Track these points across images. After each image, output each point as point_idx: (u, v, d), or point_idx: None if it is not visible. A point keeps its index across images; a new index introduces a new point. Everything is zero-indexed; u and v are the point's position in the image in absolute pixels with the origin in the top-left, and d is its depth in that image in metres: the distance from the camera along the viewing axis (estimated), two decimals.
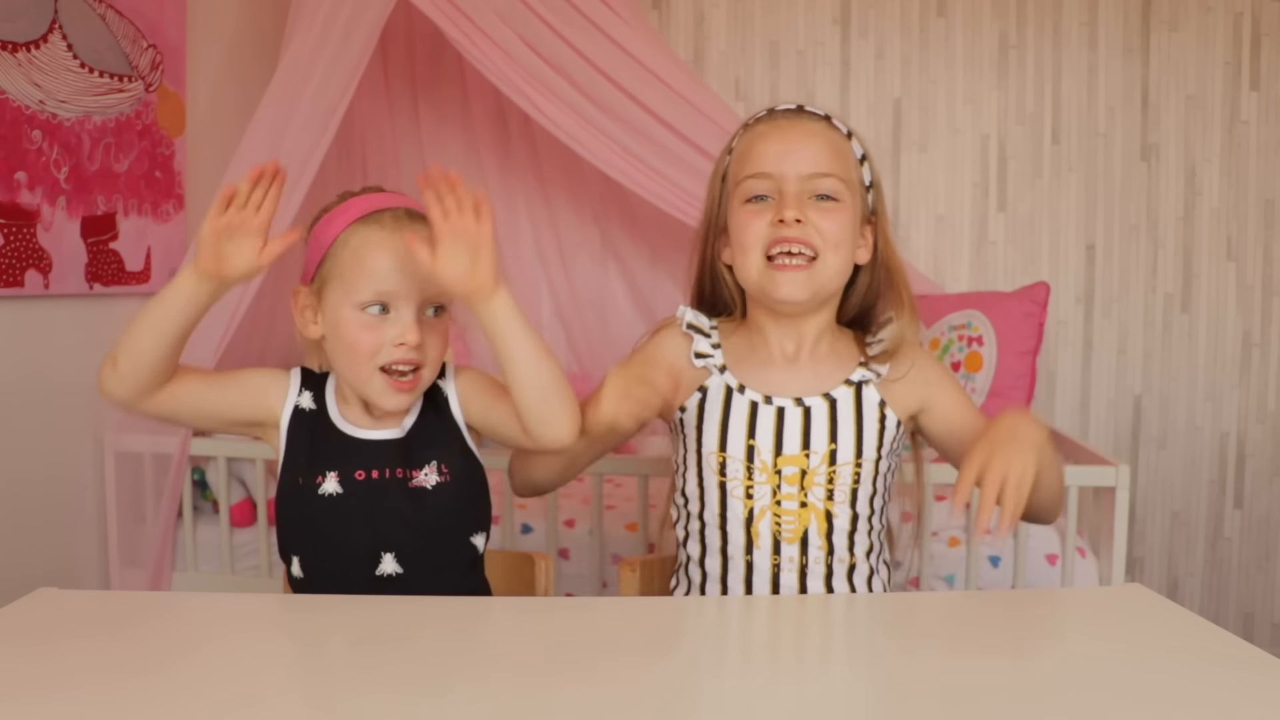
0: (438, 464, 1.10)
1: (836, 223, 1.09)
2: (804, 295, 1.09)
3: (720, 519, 1.15)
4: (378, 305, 1.04)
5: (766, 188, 1.10)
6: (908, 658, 0.83)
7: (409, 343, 1.03)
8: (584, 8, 2.18)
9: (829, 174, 1.09)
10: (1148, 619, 0.91)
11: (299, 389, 1.12)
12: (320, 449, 1.10)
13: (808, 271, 1.08)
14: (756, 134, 1.14)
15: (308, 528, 1.09)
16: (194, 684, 0.75)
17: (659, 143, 2.22)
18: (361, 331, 1.04)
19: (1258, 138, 2.57)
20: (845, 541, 1.14)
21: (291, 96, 2.08)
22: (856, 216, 1.12)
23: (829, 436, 1.12)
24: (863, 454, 1.13)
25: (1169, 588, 2.66)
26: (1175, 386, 2.65)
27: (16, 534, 1.81)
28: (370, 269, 1.03)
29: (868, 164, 1.17)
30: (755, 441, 1.13)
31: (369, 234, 1.05)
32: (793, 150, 1.10)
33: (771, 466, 1.12)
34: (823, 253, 1.08)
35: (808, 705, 0.72)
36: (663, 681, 0.77)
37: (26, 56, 1.76)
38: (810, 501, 1.12)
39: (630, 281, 2.87)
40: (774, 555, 1.13)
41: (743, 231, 1.11)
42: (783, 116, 1.14)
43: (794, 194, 1.08)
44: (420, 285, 1.04)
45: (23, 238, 1.77)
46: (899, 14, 2.68)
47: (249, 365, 1.18)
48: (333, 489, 1.07)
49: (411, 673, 0.77)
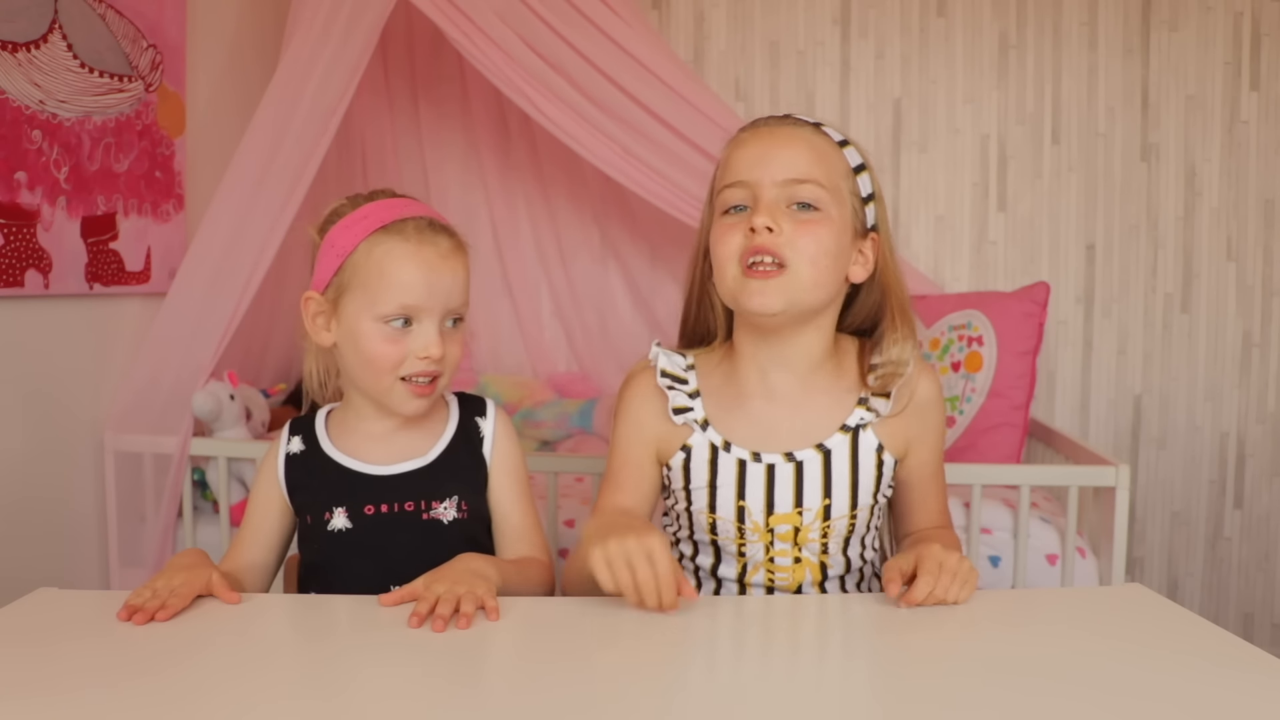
0: (459, 500, 1.10)
1: (813, 235, 1.00)
2: (777, 306, 1.00)
3: (713, 569, 1.14)
4: (401, 318, 1.03)
5: (743, 196, 1.02)
6: (907, 657, 0.83)
7: (433, 356, 1.03)
8: (584, 8, 2.18)
9: (808, 180, 1.00)
10: (1148, 619, 0.91)
11: (287, 438, 1.13)
12: (320, 485, 1.10)
13: (778, 280, 0.99)
14: (737, 142, 1.07)
15: (320, 564, 1.10)
16: (194, 684, 0.75)
17: (659, 143, 2.22)
18: (384, 344, 1.03)
19: (1258, 138, 2.57)
20: (837, 586, 1.13)
21: (291, 96, 2.08)
22: (843, 229, 1.03)
23: (823, 492, 1.07)
24: (858, 504, 1.08)
25: (1169, 588, 2.66)
26: (1175, 386, 2.65)
27: (16, 534, 1.81)
28: (395, 282, 1.02)
29: (867, 175, 1.08)
30: (745, 503, 1.07)
31: (392, 245, 1.03)
32: (769, 155, 1.02)
33: (764, 526, 1.08)
34: (794, 264, 0.99)
35: (806, 705, 0.72)
36: (662, 681, 0.77)
37: (26, 56, 1.76)
38: (805, 557, 1.09)
39: (630, 281, 2.87)
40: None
41: (719, 244, 1.03)
42: (765, 124, 1.07)
43: (768, 201, 1.00)
44: (444, 298, 1.04)
45: (23, 238, 1.77)
46: (899, 14, 2.68)
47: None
48: (341, 524, 1.08)
49: (411, 673, 0.77)
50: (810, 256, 1.00)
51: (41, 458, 1.87)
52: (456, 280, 1.06)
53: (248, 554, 1.12)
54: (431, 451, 1.11)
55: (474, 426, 1.14)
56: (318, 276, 1.09)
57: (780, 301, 1.00)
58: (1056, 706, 0.70)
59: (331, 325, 1.08)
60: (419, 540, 1.08)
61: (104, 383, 2.02)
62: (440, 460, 1.11)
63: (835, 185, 1.03)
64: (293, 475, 1.12)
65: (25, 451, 1.83)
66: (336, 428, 1.13)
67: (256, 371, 2.47)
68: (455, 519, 1.09)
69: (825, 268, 1.01)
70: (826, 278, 1.02)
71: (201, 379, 2.01)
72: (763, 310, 1.01)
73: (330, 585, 1.09)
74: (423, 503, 1.09)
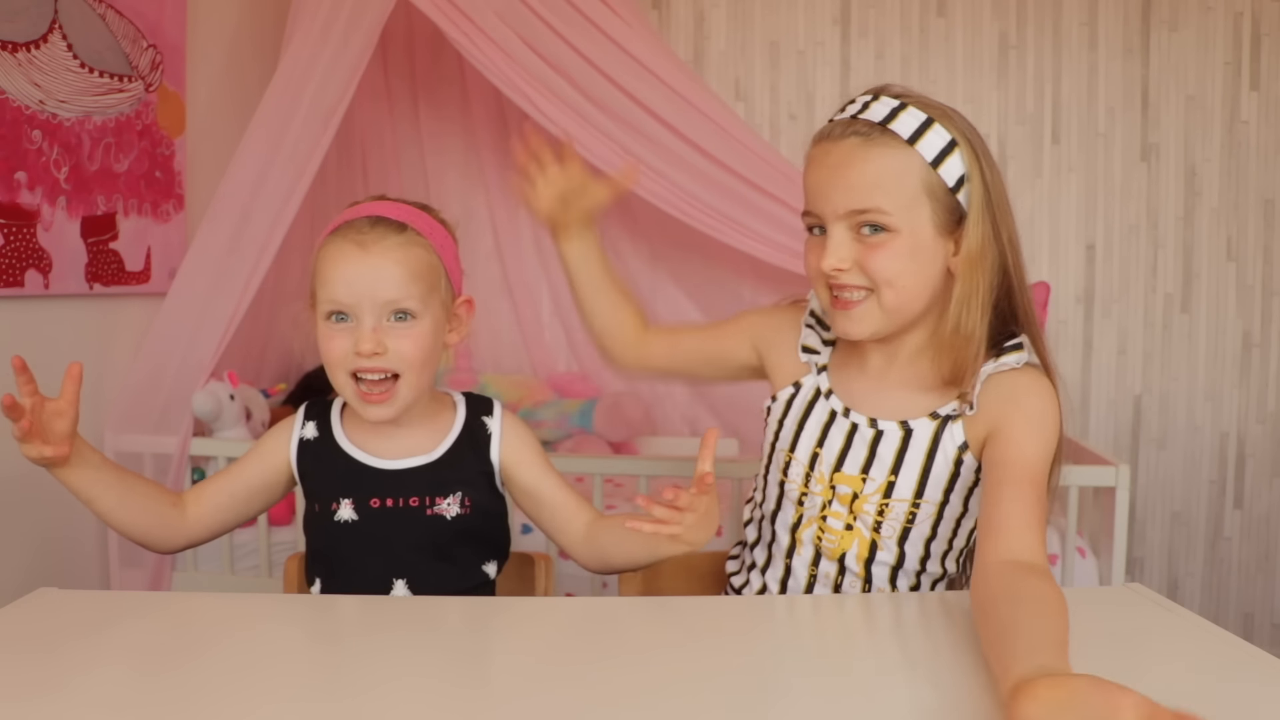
0: (462, 496, 1.11)
1: (884, 259, 1.00)
2: (866, 332, 1.04)
3: (774, 515, 1.16)
4: (336, 315, 1.05)
5: (815, 222, 1.05)
6: (906, 658, 0.83)
7: (363, 350, 1.03)
8: (584, 8, 2.18)
9: (869, 209, 0.99)
10: (1148, 619, 0.91)
11: (302, 422, 1.15)
12: (330, 475, 1.11)
13: (864, 307, 1.02)
14: (808, 160, 1.07)
15: (326, 553, 1.12)
16: (194, 684, 0.75)
17: (659, 143, 2.22)
18: (327, 341, 1.06)
19: (1258, 138, 2.57)
20: (886, 575, 1.09)
21: (291, 96, 2.08)
22: (916, 239, 1.00)
23: (891, 468, 1.06)
24: (923, 494, 1.05)
25: (1169, 588, 2.66)
26: (1175, 386, 2.65)
27: (16, 534, 1.81)
28: (327, 279, 1.04)
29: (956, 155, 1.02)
30: (820, 450, 1.10)
31: (332, 245, 1.06)
32: (831, 184, 1.02)
33: (828, 480, 1.10)
34: (879, 288, 1.01)
35: (806, 705, 0.72)
36: (662, 681, 0.77)
37: (26, 56, 1.76)
38: (856, 526, 1.08)
39: (630, 281, 2.86)
40: (812, 566, 1.12)
41: (807, 261, 1.07)
42: (828, 139, 1.04)
43: (835, 239, 1.01)
44: (371, 292, 1.03)
45: (23, 238, 1.77)
46: (899, 14, 2.68)
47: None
48: (348, 516, 1.09)
49: (411, 673, 0.77)
50: (887, 279, 1.01)
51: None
52: (390, 274, 1.03)
53: (211, 496, 1.13)
54: (437, 449, 1.12)
55: (480, 425, 1.15)
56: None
57: (868, 328, 1.04)
58: None
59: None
60: (422, 535, 1.09)
61: (104, 383, 2.02)
62: (445, 457, 1.12)
63: (904, 200, 1.00)
64: (304, 461, 1.13)
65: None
66: (350, 418, 1.15)
67: (256, 371, 2.47)
68: (458, 514, 1.10)
69: (905, 285, 1.01)
70: (911, 293, 1.02)
71: (201, 379, 2.01)
72: (855, 337, 1.06)
73: (335, 574, 1.11)
74: (427, 498, 1.10)
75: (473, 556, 1.14)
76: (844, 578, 1.10)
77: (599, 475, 1.88)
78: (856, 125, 1.03)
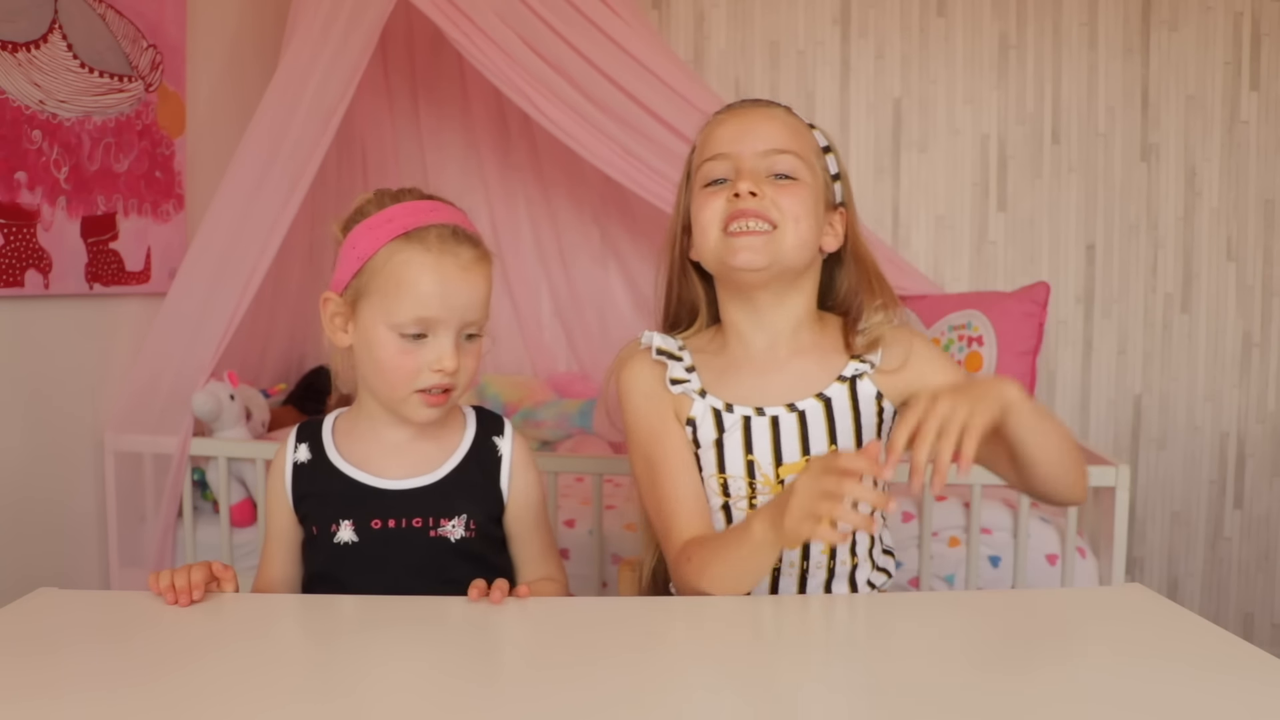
0: (467, 519, 1.08)
1: (795, 197, 1.07)
2: (762, 261, 1.05)
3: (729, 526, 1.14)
4: (416, 330, 1.01)
5: (724, 169, 1.09)
6: (906, 658, 0.83)
7: (447, 369, 1.01)
8: (584, 8, 2.18)
9: (786, 150, 1.08)
10: (1148, 619, 0.90)
11: (294, 445, 1.12)
12: (328, 496, 1.08)
13: (764, 238, 1.05)
14: (715, 122, 1.14)
15: (326, 575, 1.09)
16: (194, 684, 0.75)
17: (659, 143, 2.22)
18: (399, 355, 1.02)
19: (1258, 138, 2.57)
20: (847, 544, 1.12)
21: (291, 96, 2.08)
22: (818, 196, 1.10)
23: (828, 439, 1.09)
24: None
25: (1169, 588, 2.66)
26: (1175, 386, 2.65)
27: (16, 534, 1.81)
28: (412, 293, 1.00)
29: (833, 156, 1.16)
30: (754, 456, 1.10)
31: (412, 255, 1.01)
32: (749, 130, 1.10)
33: (774, 478, 1.10)
34: (781, 224, 1.06)
35: (805, 705, 0.72)
36: (662, 681, 0.77)
37: (26, 56, 1.76)
38: None
39: (630, 281, 2.87)
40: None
41: (702, 211, 1.09)
42: (741, 105, 1.15)
43: (750, 170, 1.07)
44: (461, 312, 1.02)
45: (23, 238, 1.77)
46: (899, 14, 2.68)
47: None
48: (349, 538, 1.07)
49: (412, 673, 0.77)
50: (794, 215, 1.06)
51: (42, 458, 1.87)
52: (476, 293, 1.03)
53: (279, 569, 1.12)
54: (443, 467, 1.09)
55: (490, 446, 1.12)
56: (337, 277, 1.06)
57: (765, 257, 1.06)
58: (1056, 706, 0.70)
59: (349, 327, 1.06)
60: (425, 557, 1.07)
61: (104, 383, 2.02)
62: (451, 477, 1.09)
63: (809, 157, 1.11)
64: (299, 485, 1.10)
65: (25, 451, 1.83)
66: (345, 435, 1.12)
67: (256, 371, 2.47)
68: (463, 537, 1.07)
69: (807, 227, 1.07)
70: (808, 237, 1.08)
71: (201, 379, 2.01)
72: (749, 266, 1.06)
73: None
74: (430, 519, 1.07)
75: (474, 575, 1.09)
76: (809, 562, 1.11)
77: (599, 475, 1.88)
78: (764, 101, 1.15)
